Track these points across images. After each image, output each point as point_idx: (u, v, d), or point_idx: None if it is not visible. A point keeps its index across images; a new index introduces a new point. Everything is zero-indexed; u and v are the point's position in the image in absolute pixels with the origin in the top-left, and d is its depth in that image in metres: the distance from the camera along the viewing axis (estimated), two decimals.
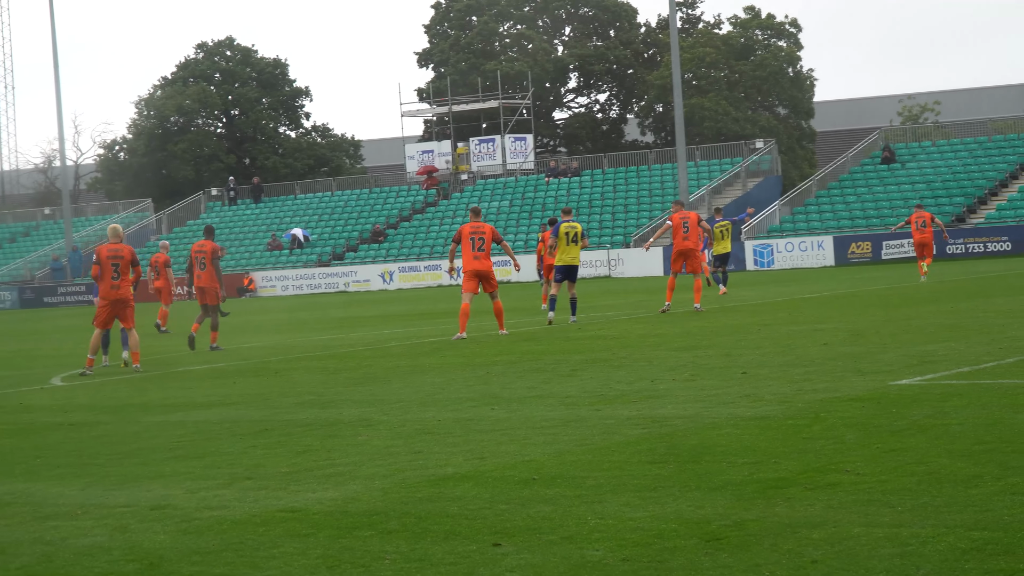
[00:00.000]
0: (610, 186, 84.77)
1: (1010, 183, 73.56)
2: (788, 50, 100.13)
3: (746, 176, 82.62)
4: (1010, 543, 8.29)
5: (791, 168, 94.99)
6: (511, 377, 19.88)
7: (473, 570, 8.51)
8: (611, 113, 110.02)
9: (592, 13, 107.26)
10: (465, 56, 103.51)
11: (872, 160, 79.57)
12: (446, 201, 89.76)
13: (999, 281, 40.25)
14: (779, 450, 12.01)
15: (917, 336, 22.41)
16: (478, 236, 28.72)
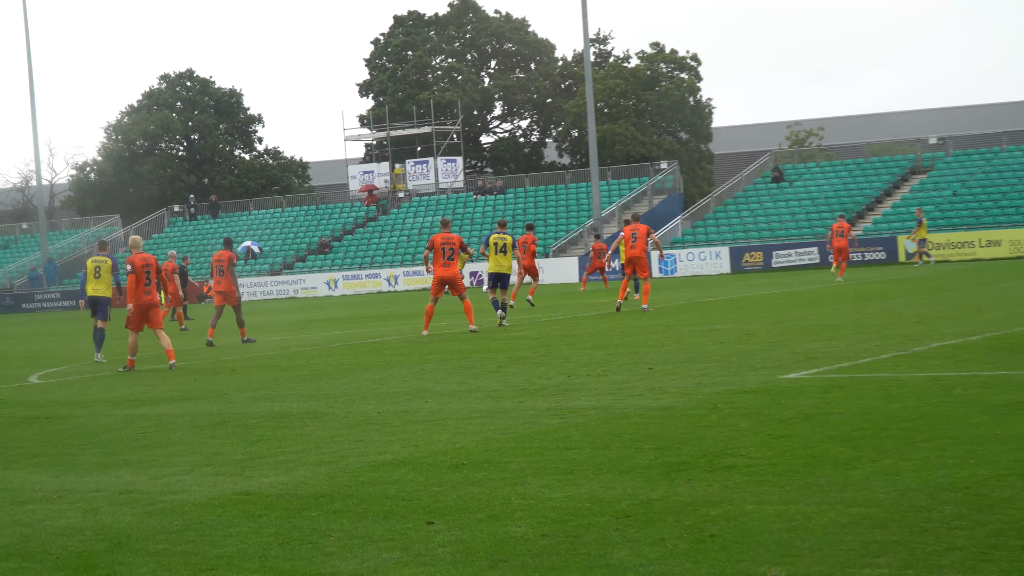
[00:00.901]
0: (531, 203, 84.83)
1: (884, 200, 74.08)
2: (689, 81, 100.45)
3: (652, 193, 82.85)
4: (884, 518, 8.35)
5: (692, 186, 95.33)
6: (443, 373, 19.87)
7: (409, 546, 8.50)
8: (532, 137, 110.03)
9: (515, 48, 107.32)
10: (402, 87, 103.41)
11: (763, 179, 79.96)
12: (385, 216, 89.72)
13: (875, 287, 40.52)
14: (681, 437, 12.05)
15: (803, 335, 22.52)
16: (448, 246, 28.71)
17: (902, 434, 11.40)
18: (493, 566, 7.86)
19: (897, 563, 7.31)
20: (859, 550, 7.63)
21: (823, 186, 76.91)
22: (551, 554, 8.03)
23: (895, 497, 8.93)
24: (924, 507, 8.56)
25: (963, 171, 74.23)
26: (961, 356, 17.46)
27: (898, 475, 9.65)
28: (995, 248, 63.28)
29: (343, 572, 7.96)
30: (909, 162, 78.46)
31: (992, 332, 20.66)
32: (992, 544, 7.53)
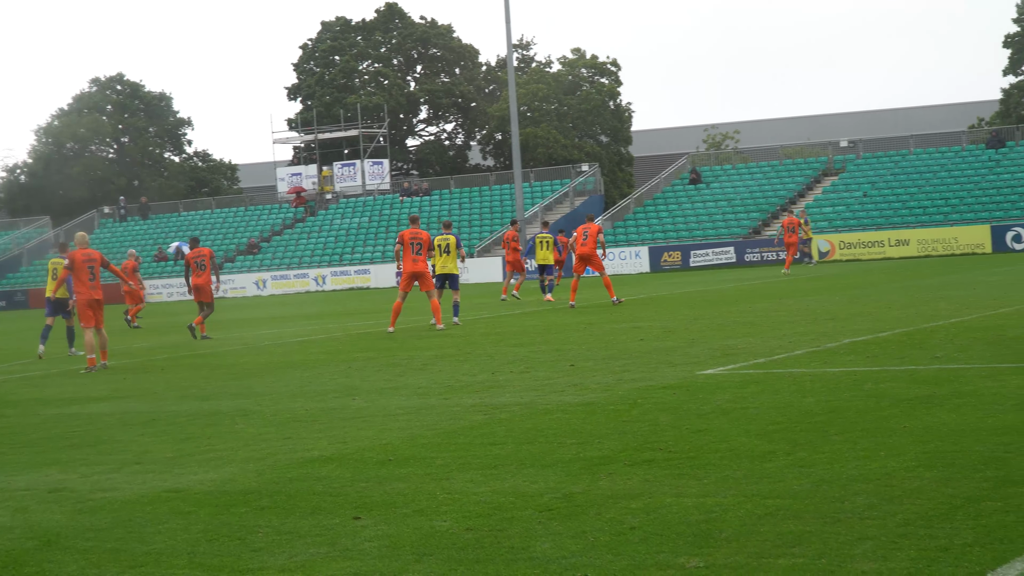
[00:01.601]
0: (456, 204, 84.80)
1: (798, 200, 74.59)
2: (609, 86, 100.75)
3: (574, 195, 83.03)
4: (798, 509, 8.39)
5: (612, 188, 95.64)
6: (370, 371, 19.80)
7: (336, 540, 8.46)
8: (457, 140, 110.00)
9: (440, 53, 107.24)
10: (329, 90, 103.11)
11: (681, 181, 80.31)
12: (313, 218, 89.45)
13: (789, 284, 40.77)
14: (602, 432, 12.06)
15: (720, 332, 22.62)
16: (416, 242, 28.41)
17: (815, 427, 11.46)
18: (419, 559, 7.82)
19: (811, 553, 7.34)
20: (774, 540, 7.65)
21: (739, 187, 77.34)
22: (475, 547, 8.01)
23: (809, 488, 8.97)
24: (837, 498, 8.60)
25: (873, 173, 74.88)
26: (872, 352, 17.59)
27: (812, 467, 9.70)
28: (904, 247, 63.87)
29: (271, 567, 7.90)
30: (822, 164, 79.05)
31: (901, 328, 20.83)
32: (902, 533, 7.58)
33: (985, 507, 8.06)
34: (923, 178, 72.31)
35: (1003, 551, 7.05)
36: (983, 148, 74.59)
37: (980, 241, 62.42)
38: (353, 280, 77.29)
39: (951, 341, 18.24)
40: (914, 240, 64.03)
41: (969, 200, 68.14)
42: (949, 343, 17.99)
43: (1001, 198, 67.55)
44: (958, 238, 63.16)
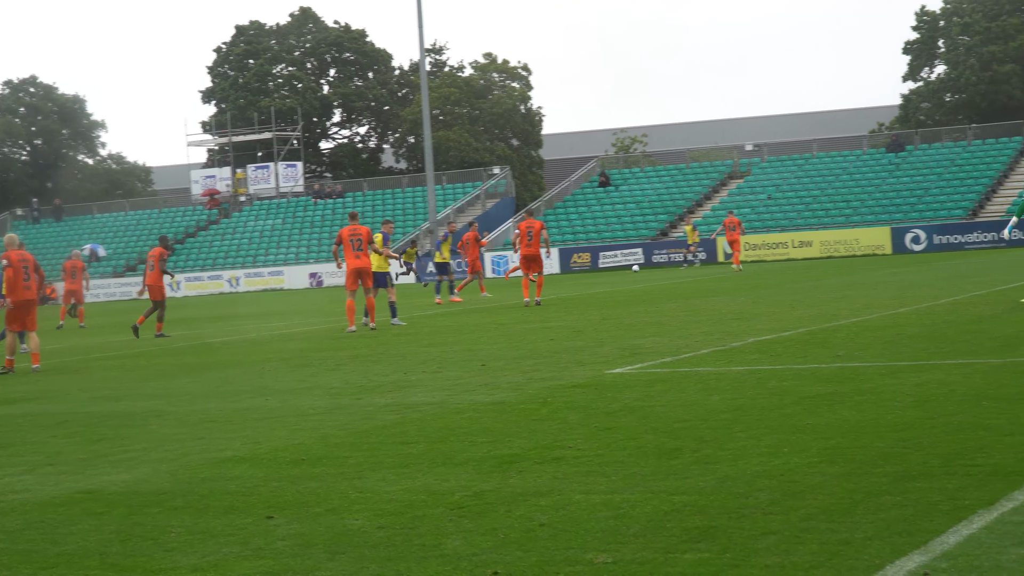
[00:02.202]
0: (369, 206, 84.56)
1: (704, 203, 75.09)
2: (520, 90, 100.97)
3: (485, 197, 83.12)
4: (704, 504, 8.43)
5: (523, 191, 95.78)
6: (283, 372, 19.69)
7: (249, 540, 8.39)
8: (370, 143, 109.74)
9: (353, 57, 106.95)
10: (243, 94, 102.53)
11: (591, 184, 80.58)
12: (227, 220, 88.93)
13: (695, 285, 41.02)
14: (513, 430, 12.06)
15: (628, 332, 22.71)
16: (355, 238, 27.85)
17: (721, 425, 11.52)
18: (331, 558, 7.78)
19: (716, 547, 7.37)
20: (681, 535, 7.68)
21: (647, 190, 77.74)
22: (387, 545, 7.98)
23: (714, 485, 9.01)
24: (741, 494, 8.65)
25: (777, 176, 75.53)
26: (775, 351, 17.72)
27: (717, 464, 9.75)
28: (807, 248, 64.46)
29: (183, 567, 7.83)
30: (727, 167, 79.63)
31: (804, 328, 21.01)
32: (804, 528, 7.63)
33: (884, 501, 8.14)
34: (825, 181, 73.03)
35: (902, 544, 7.13)
36: (883, 152, 75.46)
37: (880, 242, 63.11)
38: (267, 282, 76.88)
39: (852, 340, 18.42)
40: (817, 241, 64.63)
41: (870, 203, 68.89)
42: (850, 342, 18.17)
43: (900, 200, 68.34)
44: (859, 240, 63.82)
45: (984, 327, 18.94)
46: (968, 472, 8.83)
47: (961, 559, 6.77)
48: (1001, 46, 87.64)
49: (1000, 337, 17.39)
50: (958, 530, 7.33)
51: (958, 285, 30.31)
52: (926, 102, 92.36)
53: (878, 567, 6.76)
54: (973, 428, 10.49)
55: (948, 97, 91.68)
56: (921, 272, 39.72)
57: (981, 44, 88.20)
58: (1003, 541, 7.05)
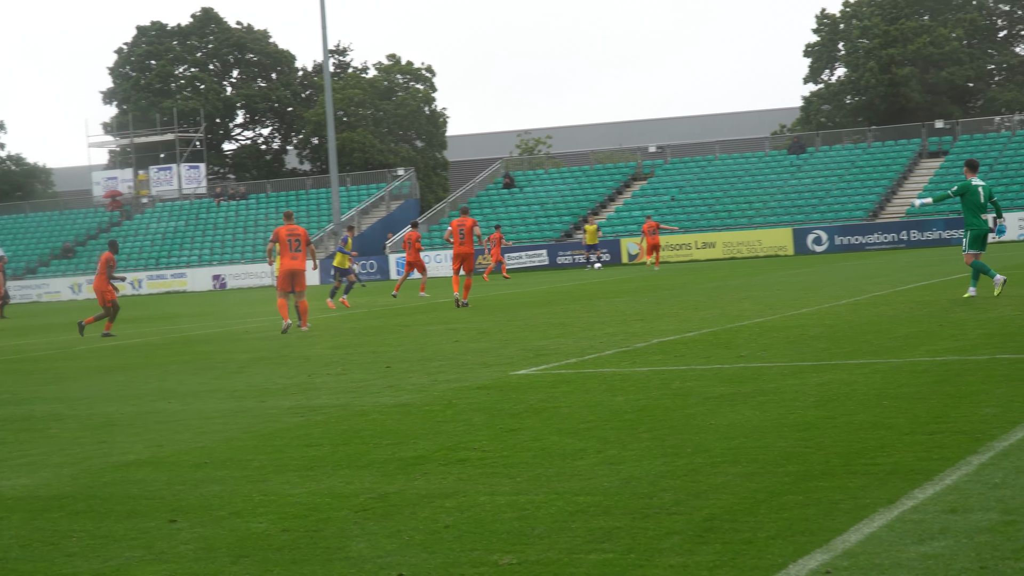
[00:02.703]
0: (273, 208, 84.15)
1: (608, 204, 75.42)
2: (424, 92, 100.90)
3: (390, 199, 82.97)
4: (608, 505, 8.45)
5: (428, 192, 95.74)
6: (186, 375, 19.52)
7: (152, 544, 8.31)
8: (274, 145, 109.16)
9: (256, 59, 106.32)
10: (145, 95, 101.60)
11: (496, 185, 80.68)
12: (129, 221, 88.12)
13: (600, 287, 41.16)
14: (417, 432, 12.04)
15: (533, 333, 22.75)
16: (294, 238, 27.03)
17: (625, 425, 11.56)
18: (235, 561, 7.73)
19: (621, 547, 7.40)
20: (585, 536, 7.70)
21: (551, 192, 77.96)
22: (291, 548, 7.94)
23: (618, 485, 9.04)
24: (645, 494, 8.69)
25: (680, 178, 76.03)
26: (679, 351, 17.83)
27: (621, 464, 9.78)
28: (710, 250, 64.94)
29: (85, 572, 7.73)
30: (631, 169, 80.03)
31: (707, 329, 21.15)
32: (708, 527, 7.68)
33: (787, 501, 8.21)
34: (728, 183, 73.64)
35: (804, 543, 7.19)
36: (785, 154, 76.20)
37: (783, 243, 63.71)
38: (170, 284, 76.28)
39: (755, 340, 18.57)
40: (720, 243, 65.13)
41: (772, 204, 69.54)
42: (753, 342, 18.31)
43: (802, 202, 69.03)
44: (762, 241, 64.40)
45: (884, 327, 19.17)
46: (869, 471, 8.93)
47: (862, 557, 6.84)
48: (900, 49, 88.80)
49: (900, 337, 17.60)
50: (859, 529, 7.41)
51: (859, 286, 30.66)
52: (827, 104, 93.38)
53: (781, 566, 6.81)
54: (874, 427, 10.61)
55: (848, 99, 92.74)
56: (823, 273, 40.13)
57: (880, 47, 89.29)
58: (903, 539, 7.13)
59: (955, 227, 60.95)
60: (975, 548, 6.88)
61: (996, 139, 71.89)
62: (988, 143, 71.60)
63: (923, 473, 8.73)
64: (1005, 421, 10.49)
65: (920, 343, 16.71)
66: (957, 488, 8.24)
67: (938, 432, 10.20)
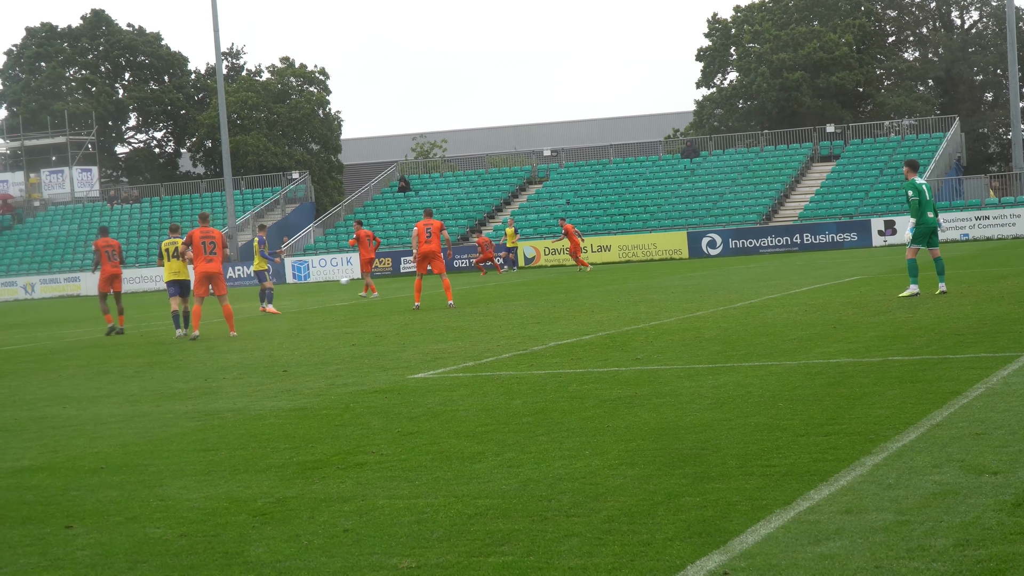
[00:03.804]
0: (167, 211, 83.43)
1: (504, 208, 75.55)
2: (318, 95, 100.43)
3: (285, 202, 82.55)
4: (507, 507, 8.48)
5: (323, 195, 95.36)
6: (80, 379, 19.29)
7: (47, 550, 8.21)
8: (167, 148, 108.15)
9: (149, 61, 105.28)
10: (36, 97, 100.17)
11: (391, 188, 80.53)
12: (20, 225, 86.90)
13: (496, 290, 41.21)
14: (315, 436, 12.00)
15: (430, 336, 22.74)
16: (208, 240, 26.44)
17: (523, 428, 11.60)
18: (132, 567, 7.66)
19: (520, 550, 7.42)
20: (484, 539, 7.72)
21: (447, 195, 77.94)
22: (189, 553, 7.89)
23: (517, 488, 9.07)
24: (544, 497, 8.72)
25: (575, 181, 76.31)
26: (576, 354, 17.90)
27: (520, 467, 9.81)
28: (606, 253, 65.23)
29: None
30: (526, 172, 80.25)
31: (604, 331, 21.26)
32: (606, 529, 7.72)
33: (685, 503, 8.27)
34: (623, 186, 74.01)
35: (702, 544, 7.25)
36: (679, 157, 76.76)
37: (677, 247, 64.16)
38: (63, 288, 75.35)
39: (651, 343, 18.69)
40: (615, 246, 65.46)
41: (666, 207, 70.00)
42: (649, 345, 18.43)
43: (696, 205, 69.58)
44: (656, 244, 64.81)
45: (778, 330, 19.37)
46: (765, 472, 9.02)
47: (759, 558, 6.92)
48: (791, 54, 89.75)
49: (794, 339, 17.80)
50: (756, 530, 7.49)
51: (754, 288, 30.95)
52: (719, 108, 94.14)
53: (679, 567, 6.87)
54: (770, 429, 10.72)
55: (741, 103, 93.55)
56: (717, 276, 40.46)
57: (771, 52, 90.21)
58: (800, 539, 7.22)
59: (847, 230, 61.76)
60: (870, 548, 6.98)
61: (886, 143, 72.87)
62: (878, 147, 72.58)
63: (818, 474, 8.84)
64: (898, 422, 10.65)
65: (814, 345, 16.90)
66: (852, 489, 8.35)
67: (833, 433, 10.33)
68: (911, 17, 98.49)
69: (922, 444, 9.70)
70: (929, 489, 8.21)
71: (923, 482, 8.42)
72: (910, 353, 15.37)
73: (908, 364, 14.34)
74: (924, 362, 14.43)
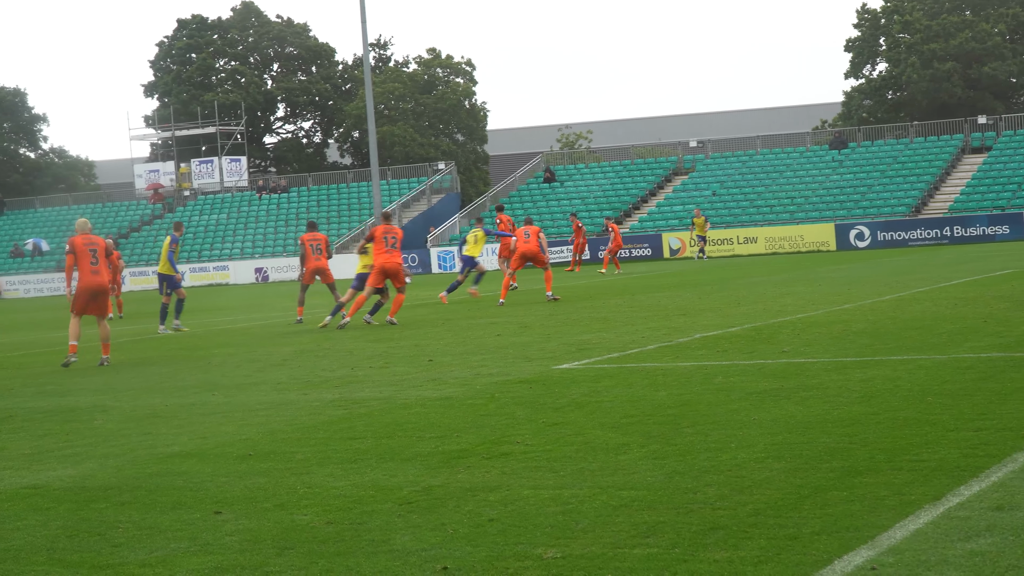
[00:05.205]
0: (314, 201, 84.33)
1: (649, 199, 75.31)
2: (465, 86, 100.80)
3: (431, 193, 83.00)
4: (652, 500, 8.46)
5: (468, 186, 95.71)
6: (229, 367, 19.61)
7: (197, 535, 8.36)
8: (315, 138, 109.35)
9: (297, 52, 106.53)
10: (186, 88, 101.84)
11: (536, 179, 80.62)
12: (171, 214, 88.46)
13: (642, 281, 41.11)
14: (460, 426, 12.07)
15: (575, 327, 22.74)
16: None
17: (668, 420, 11.56)
18: (280, 553, 7.77)
19: (665, 542, 7.40)
20: (629, 531, 7.71)
21: (592, 186, 77.86)
22: (336, 540, 7.98)
23: (662, 480, 9.05)
24: (689, 489, 8.69)
25: (721, 172, 75.81)
26: (721, 346, 17.80)
27: (665, 459, 9.78)
28: (752, 245, 64.73)
29: (131, 562, 7.79)
30: (672, 163, 79.85)
31: (749, 324, 21.11)
32: (752, 523, 7.67)
33: (831, 497, 8.19)
34: (769, 178, 73.37)
35: (849, 539, 7.18)
36: (826, 149, 75.88)
37: (825, 239, 63.46)
38: (212, 276, 76.57)
39: (798, 336, 18.52)
40: (762, 238, 64.92)
41: (814, 199, 69.27)
42: (796, 338, 18.26)
43: (844, 197, 68.76)
44: (804, 236, 64.16)
45: (928, 323, 19.09)
46: (914, 467, 8.91)
47: (907, 553, 6.83)
48: (942, 44, 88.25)
49: (943, 333, 17.53)
50: (904, 525, 7.40)
51: (902, 281, 30.52)
52: (868, 99, 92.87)
53: (826, 562, 6.81)
54: (918, 423, 10.58)
55: (890, 94, 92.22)
56: (866, 268, 39.98)
57: (922, 42, 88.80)
58: (948, 536, 7.12)
59: (998, 223, 60.63)
60: (1022, 545, 6.86)
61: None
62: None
63: (968, 470, 8.70)
64: None
65: (964, 339, 16.63)
66: (1003, 485, 8.21)
67: (983, 429, 10.16)
68: None
69: None
70: None
71: None
72: None
73: None
74: None
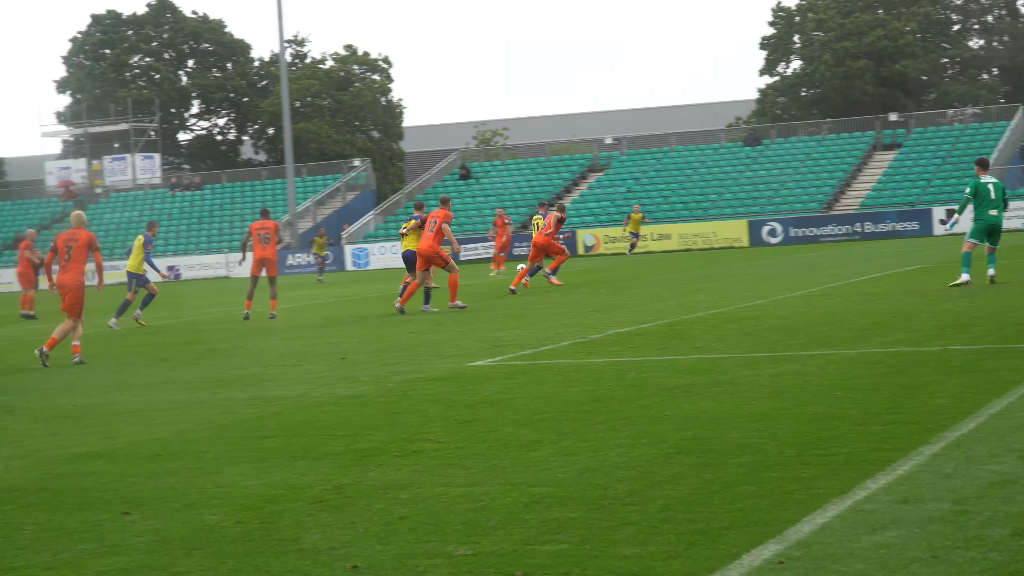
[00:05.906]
0: (228, 198, 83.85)
1: (565, 196, 75.45)
2: (381, 83, 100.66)
3: (346, 190, 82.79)
4: (563, 496, 8.46)
5: (384, 183, 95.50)
6: (140, 366, 19.44)
7: (104, 536, 8.26)
8: (229, 135, 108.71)
9: (212, 48, 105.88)
10: (100, 84, 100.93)
11: (452, 176, 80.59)
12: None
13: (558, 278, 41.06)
14: (373, 424, 12.02)
15: (489, 325, 22.73)
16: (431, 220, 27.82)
17: (580, 417, 11.58)
18: (188, 554, 7.69)
19: (575, 538, 7.41)
20: (540, 527, 7.70)
21: (508, 183, 77.94)
22: (245, 540, 7.91)
23: (573, 476, 9.05)
24: (600, 485, 8.70)
25: (636, 169, 76.13)
26: (634, 343, 17.86)
27: (576, 455, 9.79)
28: (666, 241, 65.04)
29: (36, 565, 7.68)
30: (587, 160, 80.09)
31: (663, 320, 21.19)
32: (662, 518, 7.69)
33: (741, 491, 8.23)
34: (684, 174, 73.78)
35: (758, 533, 7.21)
36: (740, 146, 76.42)
37: (738, 235, 63.89)
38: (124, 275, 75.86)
39: (710, 332, 18.61)
40: (676, 234, 65.26)
41: (727, 196, 69.73)
42: (708, 334, 18.35)
43: (757, 194, 69.27)
44: (717, 232, 64.56)
45: (838, 319, 19.24)
46: (822, 462, 8.97)
47: (815, 547, 6.87)
48: (854, 42, 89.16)
49: (853, 328, 17.68)
50: (812, 519, 7.44)
51: (813, 277, 30.77)
52: (782, 96, 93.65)
53: (735, 556, 6.84)
54: (827, 418, 10.66)
55: (804, 92, 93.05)
56: (777, 265, 40.27)
57: (835, 40, 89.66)
58: (855, 529, 7.17)
59: (908, 219, 61.26)
60: (927, 538, 6.92)
61: (949, 132, 72.28)
62: (941, 136, 71.99)
63: (876, 463, 8.78)
64: (957, 412, 10.56)
65: (873, 334, 16.78)
66: (909, 478, 8.29)
67: (891, 423, 10.26)
68: (976, 5, 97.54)
69: (981, 434, 9.62)
70: (987, 479, 8.14)
71: (981, 472, 8.35)
72: (970, 342, 15.24)
73: (968, 353, 14.21)
74: (984, 351, 14.31)
